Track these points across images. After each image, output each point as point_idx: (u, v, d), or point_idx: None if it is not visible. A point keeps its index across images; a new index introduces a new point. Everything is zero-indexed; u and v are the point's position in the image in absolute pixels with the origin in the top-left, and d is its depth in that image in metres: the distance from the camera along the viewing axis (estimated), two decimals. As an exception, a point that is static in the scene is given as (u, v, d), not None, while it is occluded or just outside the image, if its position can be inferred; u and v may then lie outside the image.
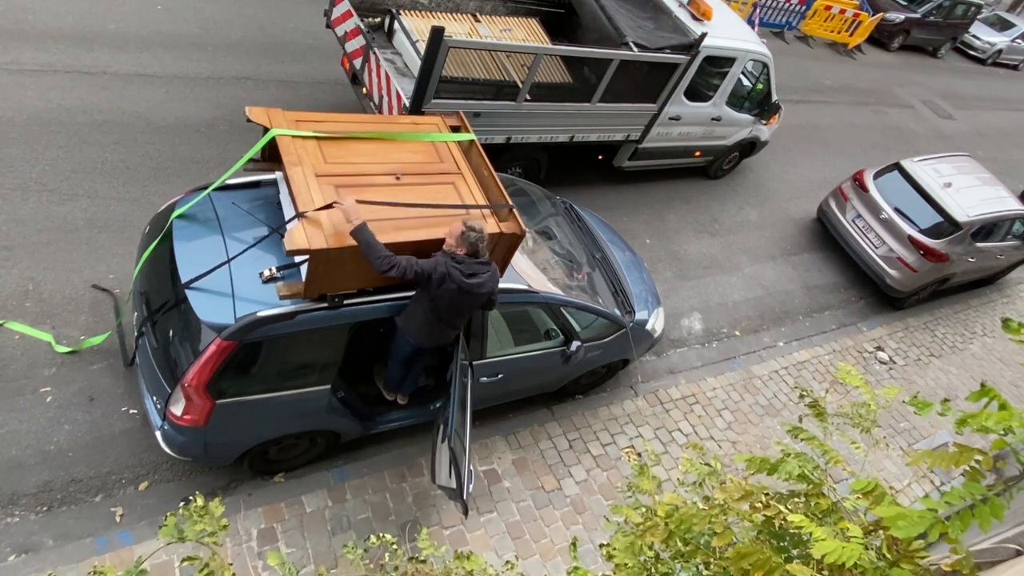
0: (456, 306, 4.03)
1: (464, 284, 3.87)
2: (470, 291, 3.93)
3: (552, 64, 7.67)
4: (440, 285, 3.84)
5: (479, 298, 4.08)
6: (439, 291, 3.87)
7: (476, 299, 4.07)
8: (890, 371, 8.33)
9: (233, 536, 4.35)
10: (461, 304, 4.04)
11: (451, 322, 4.17)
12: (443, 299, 3.94)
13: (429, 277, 3.80)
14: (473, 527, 4.99)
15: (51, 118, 6.37)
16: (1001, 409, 1.89)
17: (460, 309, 4.09)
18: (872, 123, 14.21)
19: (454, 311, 4.07)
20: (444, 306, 3.99)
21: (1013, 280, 11.26)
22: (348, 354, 4.19)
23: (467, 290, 3.91)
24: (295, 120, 3.97)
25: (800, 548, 2.23)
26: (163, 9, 8.16)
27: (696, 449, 2.94)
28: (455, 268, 3.84)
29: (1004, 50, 21.51)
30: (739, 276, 8.73)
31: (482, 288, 4.00)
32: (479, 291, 3.99)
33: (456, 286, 3.85)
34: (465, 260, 3.88)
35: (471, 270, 3.89)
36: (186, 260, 3.85)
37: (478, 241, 3.86)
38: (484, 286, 4.01)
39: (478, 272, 3.92)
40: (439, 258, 3.86)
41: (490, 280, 4.05)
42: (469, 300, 4.05)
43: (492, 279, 4.07)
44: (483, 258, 3.97)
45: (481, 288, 3.99)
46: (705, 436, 6.48)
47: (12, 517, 4.18)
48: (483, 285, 4.00)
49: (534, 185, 6.53)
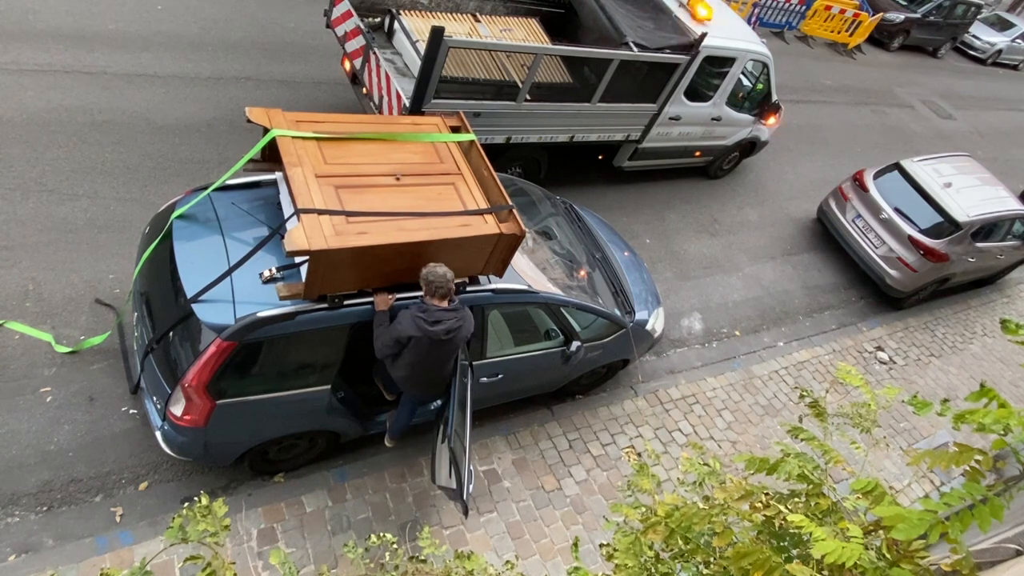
0: (431, 358, 3.92)
1: (429, 333, 3.74)
2: (438, 340, 3.79)
3: (552, 64, 7.67)
4: (408, 342, 3.77)
5: (453, 344, 3.93)
6: (409, 347, 3.80)
7: (450, 346, 3.93)
8: (890, 371, 8.33)
9: (233, 536, 4.35)
10: (436, 355, 3.91)
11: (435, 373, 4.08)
12: (416, 354, 3.84)
13: (405, 339, 3.76)
14: (473, 527, 4.99)
15: (51, 118, 6.37)
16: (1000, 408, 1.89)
17: (437, 359, 3.97)
18: (872, 123, 14.21)
19: (432, 362, 3.96)
20: (419, 360, 3.89)
21: (1013, 280, 11.26)
22: (348, 354, 4.19)
23: (434, 339, 3.78)
24: (295, 120, 3.97)
25: (800, 548, 2.23)
26: (163, 9, 8.16)
27: (696, 449, 2.94)
28: (419, 318, 3.75)
29: (1004, 50, 21.51)
30: (739, 276, 8.73)
31: (451, 335, 3.84)
32: (448, 339, 3.83)
33: (423, 336, 3.74)
34: (429, 308, 3.78)
35: (434, 318, 3.76)
36: (186, 261, 3.85)
37: (438, 284, 3.72)
38: (454, 333, 3.84)
39: (442, 319, 3.77)
40: (403, 313, 3.80)
41: (460, 326, 3.89)
42: (441, 349, 3.90)
43: (462, 325, 3.91)
44: (452, 304, 3.84)
45: (450, 335, 3.83)
46: (705, 436, 6.48)
47: (12, 517, 4.18)
48: (451, 332, 3.83)
49: (534, 185, 6.53)
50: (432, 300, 3.81)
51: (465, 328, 3.96)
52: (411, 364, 3.94)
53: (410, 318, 3.77)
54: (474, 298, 4.41)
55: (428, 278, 3.74)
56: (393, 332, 3.80)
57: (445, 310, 3.82)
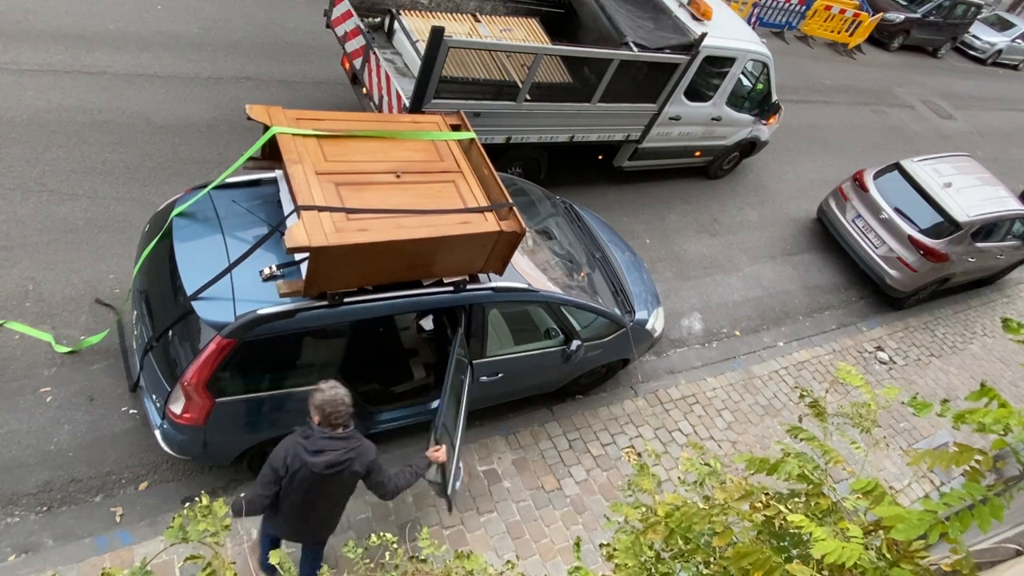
0: (311, 496, 3.26)
1: (308, 463, 3.15)
2: (319, 473, 3.18)
3: (552, 64, 7.67)
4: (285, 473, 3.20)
5: (339, 482, 3.31)
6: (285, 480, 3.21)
7: (333, 484, 3.31)
8: (890, 371, 8.33)
9: (233, 536, 4.34)
10: (316, 493, 3.25)
11: (319, 515, 3.45)
12: (292, 489, 3.24)
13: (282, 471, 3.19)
14: (473, 527, 4.99)
15: (51, 118, 6.37)
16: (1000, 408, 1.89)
17: (319, 498, 3.31)
18: (872, 123, 14.21)
19: (313, 502, 3.31)
20: (293, 493, 3.25)
21: (1013, 280, 11.26)
22: (348, 353, 4.19)
23: (315, 471, 3.17)
24: (295, 118, 3.97)
25: (800, 548, 2.23)
26: (163, 9, 8.16)
27: (696, 449, 2.94)
28: (299, 444, 3.18)
29: (1004, 50, 21.51)
30: (739, 276, 8.73)
31: (335, 469, 3.19)
32: (331, 474, 3.20)
33: (301, 467, 3.16)
34: (314, 433, 3.19)
35: (317, 446, 3.16)
36: (186, 258, 3.85)
37: (328, 408, 3.15)
38: (339, 468, 3.21)
39: (325, 448, 3.16)
40: (286, 440, 3.26)
41: (348, 459, 3.24)
42: (324, 486, 3.26)
43: (352, 458, 3.26)
44: (342, 431, 3.23)
45: (332, 469, 3.19)
46: (705, 436, 6.48)
47: (12, 517, 4.18)
48: (335, 467, 3.19)
49: (534, 185, 6.53)
50: (321, 426, 3.23)
51: (359, 461, 3.30)
52: (291, 505, 3.28)
53: (289, 444, 3.21)
54: (474, 296, 4.41)
55: (324, 408, 3.15)
56: (270, 465, 3.23)
57: (333, 438, 3.21)
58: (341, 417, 3.22)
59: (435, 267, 4.08)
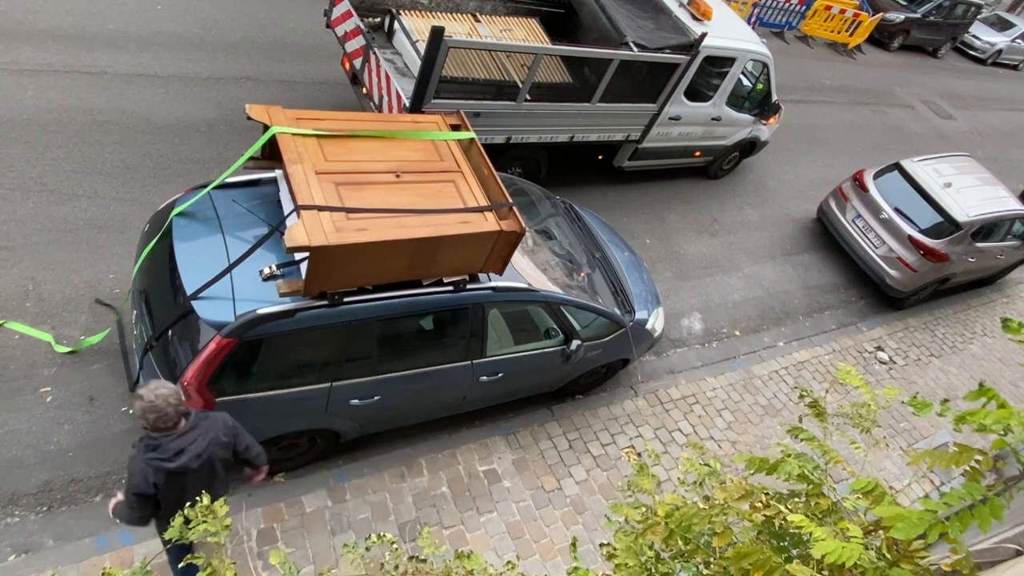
0: (195, 485, 2.99)
1: (175, 469, 3.06)
2: (194, 468, 3.13)
3: (552, 64, 7.67)
4: (155, 491, 3.09)
5: (214, 460, 3.26)
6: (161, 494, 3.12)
7: (212, 463, 3.26)
8: (890, 371, 8.33)
9: (233, 536, 4.34)
10: (199, 481, 3.10)
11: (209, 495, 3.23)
12: (174, 493, 3.11)
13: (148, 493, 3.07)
14: (473, 527, 4.99)
15: (51, 118, 6.37)
16: (1000, 408, 1.89)
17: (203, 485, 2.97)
18: (872, 123, 14.22)
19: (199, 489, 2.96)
20: (180, 495, 3.03)
21: (1013, 280, 11.26)
22: (348, 352, 4.19)
23: (183, 471, 3.10)
24: (295, 118, 3.97)
25: (800, 548, 2.23)
26: (163, 9, 8.16)
27: (696, 449, 2.94)
28: (152, 460, 3.05)
29: (1004, 50, 21.51)
30: (739, 276, 8.73)
31: (204, 456, 3.16)
32: (201, 462, 3.15)
33: (167, 475, 3.07)
34: (160, 442, 3.06)
35: (173, 449, 3.07)
36: (186, 258, 3.85)
37: (152, 415, 2.99)
38: (207, 454, 3.18)
39: (184, 448, 3.09)
40: (132, 463, 3.11)
41: (208, 441, 3.20)
42: (203, 472, 3.20)
43: (210, 439, 3.21)
44: (185, 424, 3.14)
45: (202, 458, 3.15)
46: (705, 436, 6.48)
47: (12, 517, 4.18)
48: (203, 454, 3.16)
49: (534, 185, 6.53)
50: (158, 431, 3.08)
51: (222, 434, 3.29)
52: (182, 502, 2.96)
53: (141, 466, 3.06)
54: (474, 296, 4.41)
55: (149, 417, 2.99)
56: (131, 493, 3.09)
57: (183, 435, 3.11)
58: (171, 419, 3.04)
59: (435, 267, 4.08)
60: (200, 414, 3.28)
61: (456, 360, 4.72)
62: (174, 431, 3.10)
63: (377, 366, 4.40)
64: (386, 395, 4.52)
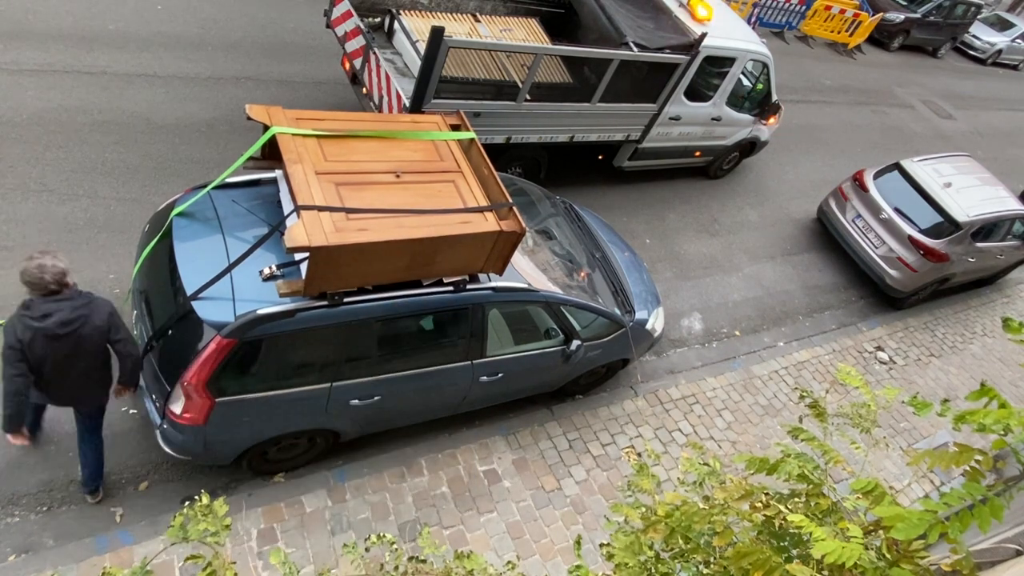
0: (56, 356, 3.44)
1: (40, 329, 3.33)
2: (55, 333, 3.37)
3: (552, 64, 7.67)
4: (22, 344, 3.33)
5: (81, 338, 3.48)
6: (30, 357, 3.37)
7: (79, 341, 3.48)
8: (890, 371, 8.33)
9: (233, 536, 4.35)
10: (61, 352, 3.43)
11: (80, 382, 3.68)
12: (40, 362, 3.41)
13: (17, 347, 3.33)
14: (473, 527, 4.99)
15: (51, 118, 6.37)
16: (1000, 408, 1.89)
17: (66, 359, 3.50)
18: (872, 123, 14.22)
19: (61, 361, 3.50)
20: (44, 363, 3.43)
21: (1013, 280, 11.26)
22: (348, 352, 4.19)
23: (50, 334, 3.36)
24: (295, 118, 3.97)
25: (800, 548, 2.23)
26: (163, 9, 8.16)
27: (696, 449, 2.94)
28: (23, 316, 3.34)
29: (1004, 50, 21.51)
30: (739, 276, 8.73)
31: (69, 327, 3.39)
32: (68, 333, 3.40)
33: (34, 336, 3.34)
34: (34, 303, 3.36)
35: (41, 311, 3.34)
36: (186, 258, 3.86)
37: (27, 278, 3.30)
38: (73, 326, 3.41)
39: (51, 311, 3.35)
40: (10, 318, 3.40)
41: (80, 315, 3.44)
42: (68, 345, 3.44)
43: (85, 315, 3.46)
44: (67, 292, 3.41)
45: (66, 327, 3.38)
46: (705, 436, 6.48)
47: (12, 517, 4.18)
48: (69, 324, 3.39)
49: (534, 185, 6.53)
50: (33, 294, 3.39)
51: (96, 316, 3.51)
52: (48, 373, 3.47)
53: (14, 321, 3.36)
54: (474, 296, 4.41)
55: (27, 282, 3.33)
56: (5, 347, 3.33)
57: (58, 300, 3.38)
58: (42, 287, 3.33)
59: (435, 267, 4.08)
60: (86, 296, 3.53)
61: (456, 360, 4.73)
62: (48, 297, 3.38)
63: (377, 366, 4.40)
64: (386, 395, 4.52)
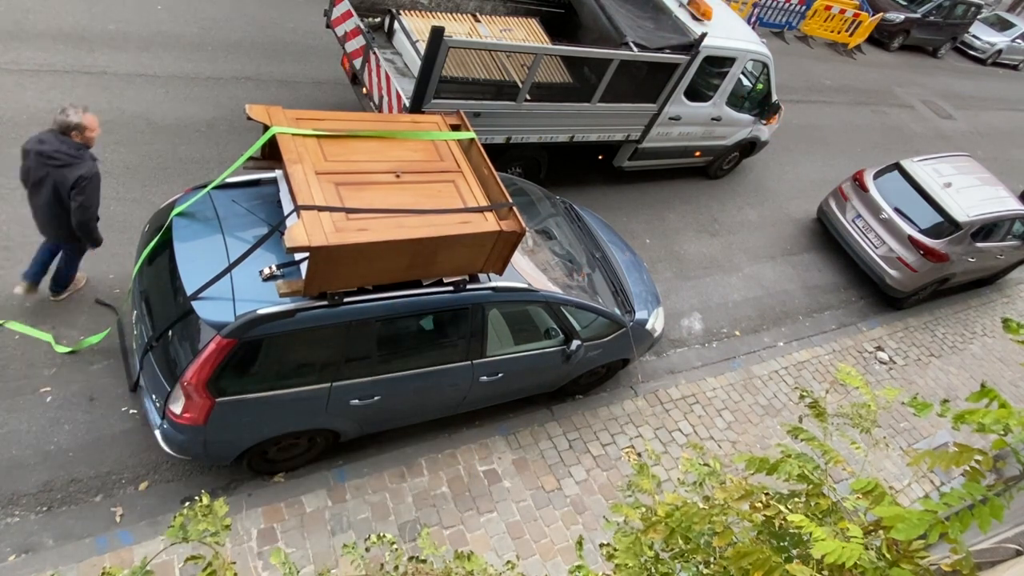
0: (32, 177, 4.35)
1: (28, 145, 4.26)
2: (33, 150, 4.25)
3: (552, 64, 7.67)
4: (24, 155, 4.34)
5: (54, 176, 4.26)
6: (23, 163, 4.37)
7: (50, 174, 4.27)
8: (890, 371, 8.32)
9: (233, 536, 4.35)
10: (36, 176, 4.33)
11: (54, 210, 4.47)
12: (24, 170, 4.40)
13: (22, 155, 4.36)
14: (473, 527, 4.99)
15: (51, 118, 6.34)
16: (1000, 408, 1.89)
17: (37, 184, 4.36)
18: (872, 123, 14.21)
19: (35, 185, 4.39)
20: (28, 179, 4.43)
21: (1013, 280, 11.26)
22: (348, 352, 4.19)
23: (31, 151, 4.25)
24: (295, 118, 3.97)
25: (800, 548, 2.23)
26: (163, 9, 8.16)
27: (696, 449, 2.94)
28: (33, 138, 4.29)
29: (1004, 50, 21.51)
30: (739, 276, 8.73)
31: (47, 159, 4.20)
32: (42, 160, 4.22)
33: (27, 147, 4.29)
34: (48, 135, 4.26)
35: (43, 139, 4.25)
36: (186, 258, 3.85)
37: (60, 121, 4.23)
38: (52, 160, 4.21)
39: (47, 140, 4.24)
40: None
41: (64, 161, 4.22)
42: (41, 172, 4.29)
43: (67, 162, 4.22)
44: (73, 139, 4.24)
45: (44, 157, 4.20)
46: (705, 436, 6.48)
47: (12, 517, 4.18)
48: (49, 157, 4.20)
49: (534, 185, 6.53)
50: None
51: (74, 169, 4.23)
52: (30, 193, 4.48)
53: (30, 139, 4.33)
54: (474, 296, 4.41)
55: (57, 119, 4.26)
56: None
57: (59, 139, 4.25)
58: (55, 122, 4.23)
59: (435, 267, 4.08)
60: (81, 154, 4.29)
61: (456, 360, 4.73)
62: (53, 132, 4.28)
63: (377, 366, 4.40)
64: (386, 395, 4.52)
